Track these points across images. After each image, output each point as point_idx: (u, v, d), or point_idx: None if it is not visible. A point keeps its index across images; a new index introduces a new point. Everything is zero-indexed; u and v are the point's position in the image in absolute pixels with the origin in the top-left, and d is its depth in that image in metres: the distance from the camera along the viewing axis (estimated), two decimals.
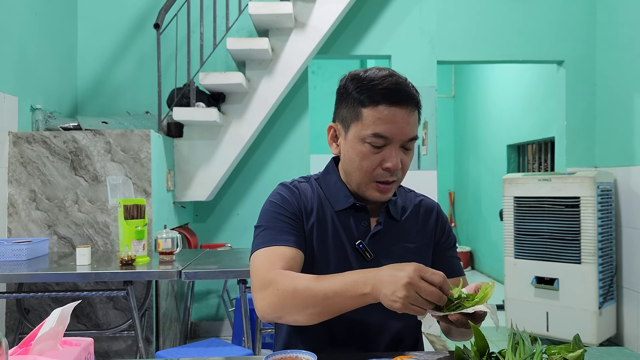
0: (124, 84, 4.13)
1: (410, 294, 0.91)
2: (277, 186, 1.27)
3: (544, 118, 4.98)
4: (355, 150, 1.16)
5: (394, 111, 1.12)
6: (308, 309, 1.02)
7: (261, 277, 1.10)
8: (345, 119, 1.18)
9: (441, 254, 1.30)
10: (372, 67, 1.18)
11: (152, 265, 2.56)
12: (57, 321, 0.94)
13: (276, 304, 1.05)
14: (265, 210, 1.22)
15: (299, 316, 1.05)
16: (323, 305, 1.01)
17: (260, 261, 1.14)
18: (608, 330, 3.71)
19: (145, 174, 3.13)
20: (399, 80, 1.14)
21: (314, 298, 1.01)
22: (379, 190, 1.17)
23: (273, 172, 4.21)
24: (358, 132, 1.14)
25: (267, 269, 1.10)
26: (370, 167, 1.15)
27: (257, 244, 1.18)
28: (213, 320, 4.20)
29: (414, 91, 1.16)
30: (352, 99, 1.16)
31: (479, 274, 6.79)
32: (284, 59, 3.78)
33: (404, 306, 0.92)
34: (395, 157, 1.13)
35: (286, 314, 1.06)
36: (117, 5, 4.13)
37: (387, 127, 1.12)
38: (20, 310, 2.85)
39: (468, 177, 7.14)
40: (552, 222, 3.71)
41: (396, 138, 1.13)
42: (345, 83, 1.19)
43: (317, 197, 1.25)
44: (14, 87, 3.10)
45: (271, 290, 1.06)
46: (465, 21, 4.22)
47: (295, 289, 1.03)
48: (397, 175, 1.17)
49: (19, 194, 3.06)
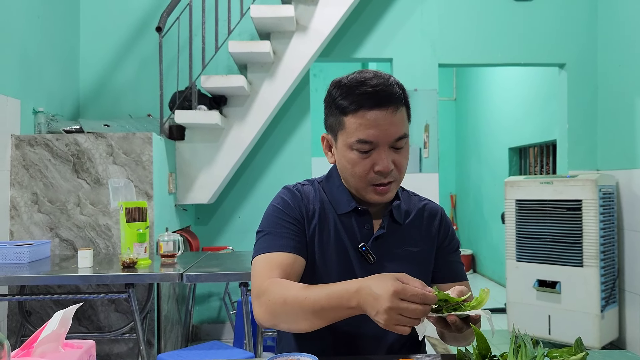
0: (126, 86, 4.14)
1: (391, 316, 0.91)
2: (280, 189, 1.28)
3: (545, 121, 4.98)
4: (346, 158, 1.16)
5: (374, 114, 1.11)
6: (299, 319, 1.04)
7: (257, 285, 1.12)
8: (333, 128, 1.19)
9: (444, 258, 1.29)
10: (354, 72, 1.17)
11: (153, 268, 2.56)
12: (59, 324, 0.94)
13: (269, 313, 1.07)
14: (267, 215, 1.23)
15: (292, 325, 1.07)
16: (313, 317, 1.02)
17: (259, 268, 1.15)
18: (610, 334, 3.70)
19: (147, 176, 3.13)
20: (378, 82, 1.12)
21: (302, 310, 1.02)
22: (377, 192, 1.17)
23: (274, 175, 4.21)
24: (344, 140, 1.15)
25: (264, 277, 1.12)
26: (363, 173, 1.15)
27: (258, 249, 1.19)
28: (214, 323, 4.20)
29: (396, 89, 1.13)
30: (335, 107, 1.16)
31: (481, 277, 6.78)
32: (286, 62, 3.79)
33: (388, 327, 0.92)
34: (385, 159, 1.13)
35: (280, 322, 1.08)
36: (119, 8, 4.14)
37: (371, 132, 1.11)
38: (22, 312, 2.85)
39: (470, 180, 7.13)
40: (554, 225, 3.71)
41: (382, 141, 1.12)
42: (330, 91, 1.19)
43: (320, 200, 1.25)
44: (17, 90, 3.11)
45: (265, 299, 1.08)
46: (466, 24, 4.22)
47: (284, 301, 1.04)
48: (393, 175, 1.16)
49: (21, 197, 3.07)
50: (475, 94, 6.95)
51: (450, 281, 1.27)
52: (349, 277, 1.06)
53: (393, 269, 1.17)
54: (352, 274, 1.18)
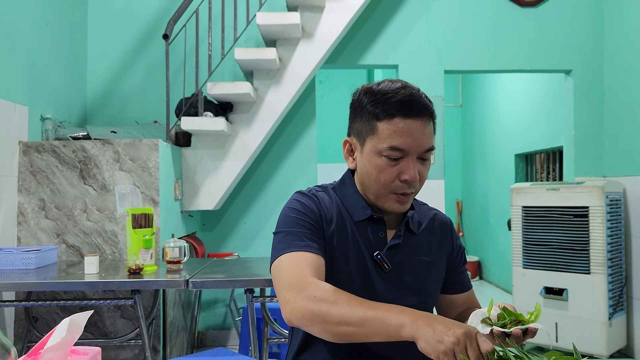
0: (133, 93, 4.16)
1: (460, 342, 0.89)
2: (294, 194, 1.26)
3: (552, 127, 4.96)
4: (372, 164, 1.16)
5: (409, 123, 1.12)
6: (340, 325, 0.99)
7: (292, 281, 1.07)
8: (361, 132, 1.18)
9: (455, 271, 1.34)
10: (385, 80, 1.19)
11: (159, 274, 2.57)
12: (68, 331, 0.94)
13: (308, 311, 1.02)
14: (285, 217, 1.20)
15: (328, 328, 1.01)
16: (356, 326, 0.98)
17: (288, 266, 1.11)
18: (618, 342, 3.67)
19: (153, 183, 3.14)
20: (412, 92, 1.14)
21: (351, 316, 0.98)
22: (398, 201, 1.18)
23: (280, 181, 4.21)
24: (374, 145, 1.15)
25: (301, 274, 1.08)
26: (388, 180, 1.15)
27: (281, 249, 1.15)
28: (220, 330, 4.20)
29: (427, 102, 1.16)
30: (366, 112, 1.16)
31: (487, 283, 6.74)
32: (292, 68, 3.80)
33: (447, 351, 0.89)
34: (413, 169, 1.14)
35: (316, 323, 1.01)
36: (126, 16, 4.17)
37: (403, 140, 1.12)
38: (28, 318, 2.86)
39: (476, 186, 7.11)
40: (560, 232, 3.69)
41: (413, 150, 1.13)
42: (358, 97, 1.19)
43: (336, 206, 1.24)
44: (25, 97, 3.13)
45: (306, 296, 1.03)
46: (472, 31, 4.22)
47: (334, 302, 1.00)
48: (415, 186, 1.17)
49: (29, 203, 3.08)
50: (481, 100, 6.95)
51: (458, 291, 1.34)
52: (367, 284, 1.11)
53: (407, 278, 1.21)
54: (369, 281, 1.19)
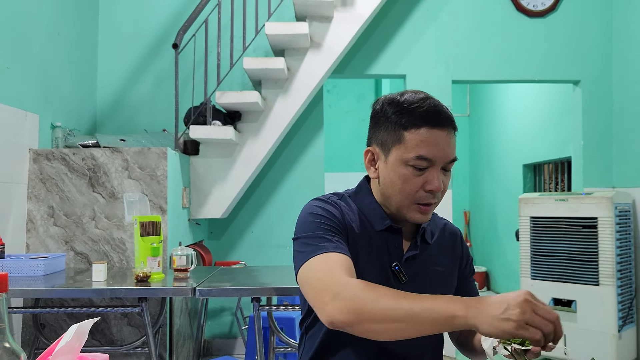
0: (142, 102, 4.20)
1: (527, 310, 0.88)
2: (311, 201, 1.23)
3: (560, 137, 4.94)
4: (398, 173, 1.15)
5: (435, 133, 1.13)
6: (386, 322, 0.97)
7: (328, 282, 1.04)
8: (386, 142, 1.18)
9: (465, 281, 1.35)
10: (407, 91, 1.20)
11: (166, 282, 2.57)
12: (74, 337, 0.94)
13: (351, 311, 0.99)
14: (306, 222, 1.18)
15: (373, 326, 0.98)
16: (404, 322, 0.96)
17: (320, 267, 1.08)
18: (628, 354, 3.62)
19: (161, 191, 3.16)
20: (436, 102, 1.17)
21: (397, 311, 0.96)
22: (420, 211, 1.17)
23: (288, 190, 4.22)
24: (400, 155, 1.14)
25: (335, 274, 1.05)
26: (413, 190, 1.15)
27: (309, 252, 1.11)
28: (226, 338, 4.19)
29: (450, 113, 1.18)
30: (391, 122, 1.16)
31: (495, 294, 6.69)
32: (300, 78, 3.82)
33: (519, 326, 0.88)
34: (438, 179, 1.14)
35: (362, 321, 0.99)
36: (136, 25, 4.22)
37: (430, 150, 1.12)
38: (36, 325, 2.87)
39: (483, 196, 7.08)
40: (569, 243, 3.66)
41: (439, 160, 1.14)
42: (382, 107, 1.20)
43: (357, 215, 1.23)
44: (36, 105, 3.17)
45: (346, 296, 1.00)
46: (480, 41, 4.23)
47: (377, 298, 0.98)
48: (438, 197, 1.17)
49: (38, 210, 3.11)
50: (489, 110, 6.93)
51: None
52: None
53: (423, 289, 1.16)
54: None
